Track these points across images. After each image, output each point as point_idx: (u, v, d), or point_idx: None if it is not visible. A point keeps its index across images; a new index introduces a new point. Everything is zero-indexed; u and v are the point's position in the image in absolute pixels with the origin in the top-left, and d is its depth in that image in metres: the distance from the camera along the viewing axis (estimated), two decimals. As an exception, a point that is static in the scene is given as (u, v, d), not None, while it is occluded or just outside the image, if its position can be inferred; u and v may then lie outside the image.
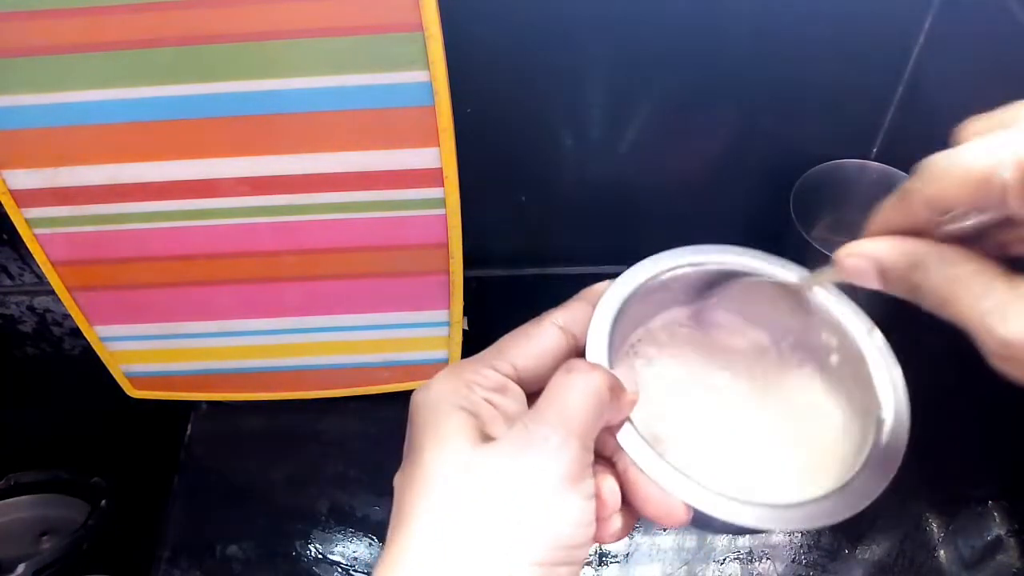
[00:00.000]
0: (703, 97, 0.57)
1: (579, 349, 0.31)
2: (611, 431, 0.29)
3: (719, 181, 0.62)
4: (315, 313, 0.58)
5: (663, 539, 0.56)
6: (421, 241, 0.53)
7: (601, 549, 0.56)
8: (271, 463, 0.61)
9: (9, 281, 0.65)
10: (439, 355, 0.61)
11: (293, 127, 0.48)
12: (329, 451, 0.61)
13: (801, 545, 0.55)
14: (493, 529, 0.25)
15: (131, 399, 0.63)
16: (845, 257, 0.27)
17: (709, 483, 0.28)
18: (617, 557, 0.55)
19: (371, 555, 0.56)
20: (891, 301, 0.28)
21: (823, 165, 0.59)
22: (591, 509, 0.27)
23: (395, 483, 0.28)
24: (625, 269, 0.34)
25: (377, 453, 0.61)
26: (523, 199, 0.63)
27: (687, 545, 0.56)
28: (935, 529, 0.56)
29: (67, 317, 0.61)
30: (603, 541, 0.29)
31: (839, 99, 0.57)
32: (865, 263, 0.27)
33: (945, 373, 0.57)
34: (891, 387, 0.31)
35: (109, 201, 0.51)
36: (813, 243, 0.55)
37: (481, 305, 0.61)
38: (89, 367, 0.61)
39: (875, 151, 0.61)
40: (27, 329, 0.70)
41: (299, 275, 0.55)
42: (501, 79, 0.54)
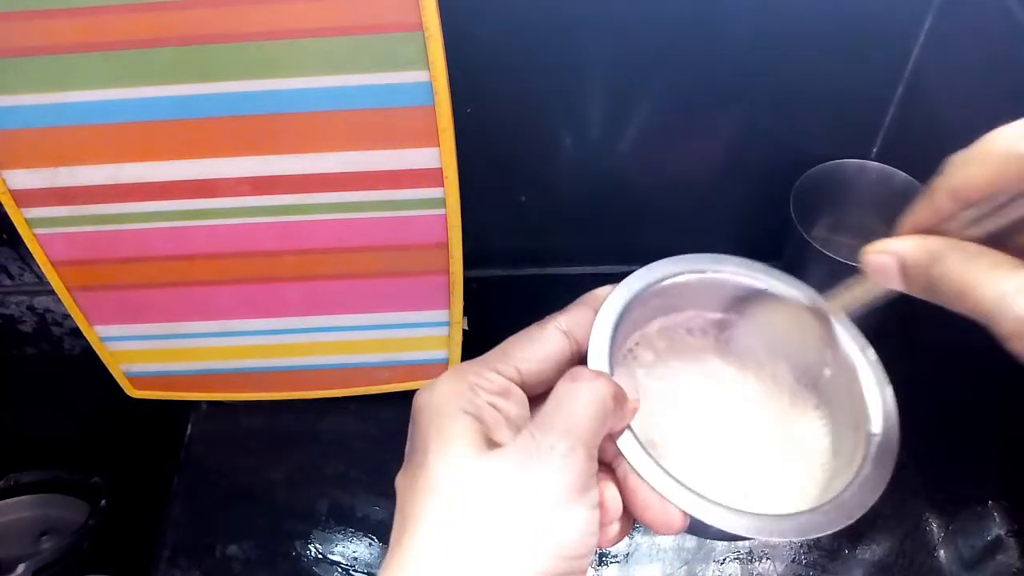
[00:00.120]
0: (703, 97, 0.57)
1: (581, 353, 0.31)
2: (611, 437, 0.29)
3: (719, 181, 0.62)
4: (315, 313, 0.58)
5: (663, 539, 0.56)
6: (421, 241, 0.53)
7: (601, 549, 0.56)
8: (271, 463, 0.61)
9: (9, 281, 0.65)
10: (439, 355, 0.61)
11: (293, 127, 0.48)
12: (329, 451, 0.61)
13: (801, 545, 0.55)
14: (499, 537, 0.26)
15: (131, 399, 0.63)
16: (869, 254, 0.28)
17: (705, 491, 0.29)
18: (617, 557, 0.55)
19: (371, 555, 0.56)
20: (890, 304, 0.28)
21: (823, 165, 0.59)
22: (596, 519, 0.27)
23: (397, 484, 0.28)
24: (625, 269, 0.34)
25: (377, 453, 0.61)
26: (523, 199, 0.63)
27: (687, 545, 0.56)
28: (935, 529, 0.56)
29: (67, 317, 0.61)
30: (601, 546, 0.29)
31: (839, 99, 0.57)
32: (888, 258, 0.27)
33: (946, 373, 0.57)
34: (881, 403, 0.32)
35: (109, 201, 0.51)
36: (813, 243, 0.55)
37: (481, 305, 0.61)
38: (89, 367, 0.61)
39: (875, 151, 0.61)
40: (27, 329, 0.70)
41: (299, 275, 0.55)
42: (501, 79, 0.54)
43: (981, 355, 0.28)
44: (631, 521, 0.30)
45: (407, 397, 0.29)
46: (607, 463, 0.30)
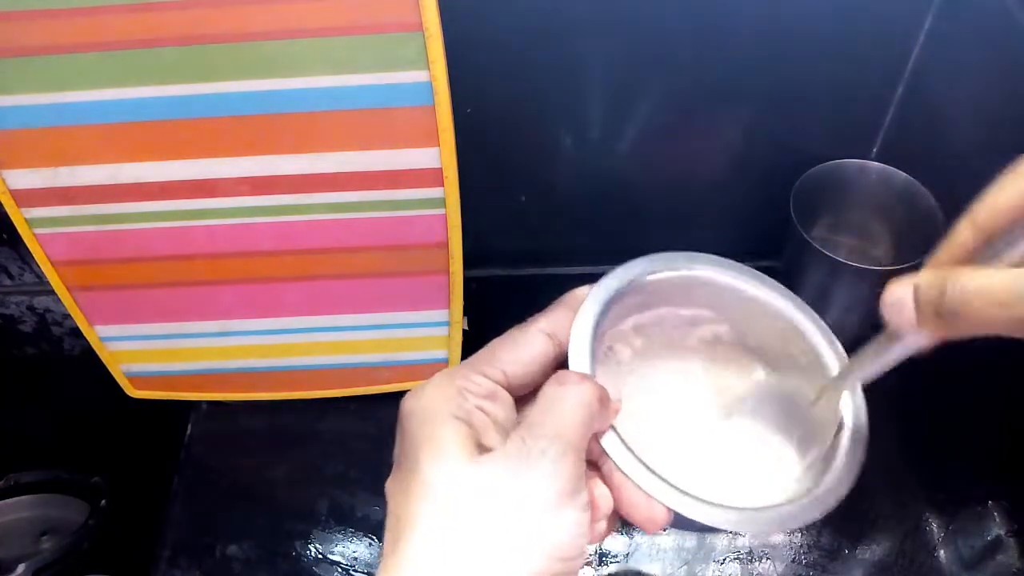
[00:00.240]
0: (703, 97, 0.57)
1: (564, 354, 0.31)
2: (595, 437, 0.30)
3: (719, 181, 0.62)
4: (315, 313, 0.58)
5: (663, 539, 0.56)
6: (421, 241, 0.53)
7: (601, 549, 0.56)
8: (271, 463, 0.61)
9: (9, 281, 0.65)
10: (439, 355, 0.61)
11: (293, 127, 0.48)
12: (329, 451, 0.61)
13: (801, 545, 0.55)
14: (493, 541, 0.26)
15: (131, 399, 0.63)
16: (885, 295, 0.28)
17: (687, 486, 0.29)
18: (617, 557, 0.55)
19: (371, 555, 0.56)
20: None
21: (823, 165, 0.59)
22: (586, 520, 0.28)
23: (388, 490, 0.29)
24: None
25: (377, 453, 0.60)
26: (523, 199, 0.63)
27: (687, 545, 0.56)
28: (935, 529, 0.56)
29: (67, 317, 0.61)
30: (589, 542, 0.30)
31: (839, 99, 0.57)
32: (902, 290, 0.27)
33: (945, 373, 0.57)
34: (850, 394, 0.33)
35: (109, 201, 0.51)
36: (813, 243, 0.55)
37: (481, 305, 0.61)
38: (89, 367, 0.61)
39: (875, 151, 0.61)
40: (27, 329, 0.70)
41: (299, 275, 0.55)
42: (501, 79, 0.54)
43: (981, 355, 0.28)
44: (617, 518, 0.30)
45: (407, 397, 0.29)
46: (592, 462, 0.30)
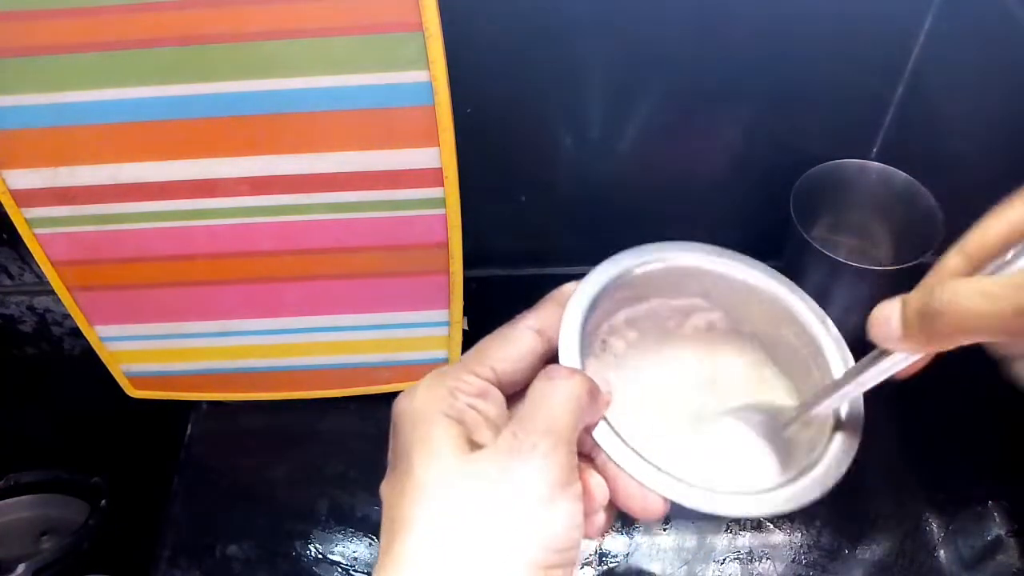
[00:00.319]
0: (703, 97, 0.56)
1: (553, 350, 0.31)
2: (587, 430, 0.30)
3: (719, 181, 0.62)
4: (315, 313, 0.58)
5: (663, 539, 0.56)
6: (421, 241, 0.53)
7: (601, 549, 0.56)
8: (271, 463, 0.61)
9: (9, 281, 0.65)
10: (439, 355, 0.61)
11: (293, 127, 0.48)
12: (329, 451, 0.61)
13: (801, 545, 0.55)
14: (488, 536, 0.26)
15: (131, 399, 0.63)
16: (872, 314, 0.28)
17: (682, 475, 0.30)
18: (617, 557, 0.55)
19: (371, 555, 0.56)
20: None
21: (823, 165, 0.59)
22: (580, 511, 0.28)
23: (382, 492, 0.29)
24: None
25: (377, 453, 0.60)
26: (523, 199, 0.63)
27: (687, 545, 0.56)
28: (935, 529, 0.56)
29: (67, 317, 0.61)
30: (588, 536, 0.30)
31: (839, 99, 0.57)
32: (890, 306, 0.28)
33: (945, 373, 0.57)
34: (842, 360, 0.33)
35: (109, 201, 0.51)
36: (813, 243, 0.55)
37: (481, 305, 0.61)
38: (89, 367, 0.61)
39: (875, 151, 0.61)
40: (27, 329, 0.70)
41: (299, 275, 0.55)
42: (501, 79, 0.54)
43: (980, 355, 0.28)
44: (614, 510, 0.31)
45: (407, 397, 0.29)
46: (586, 455, 0.30)
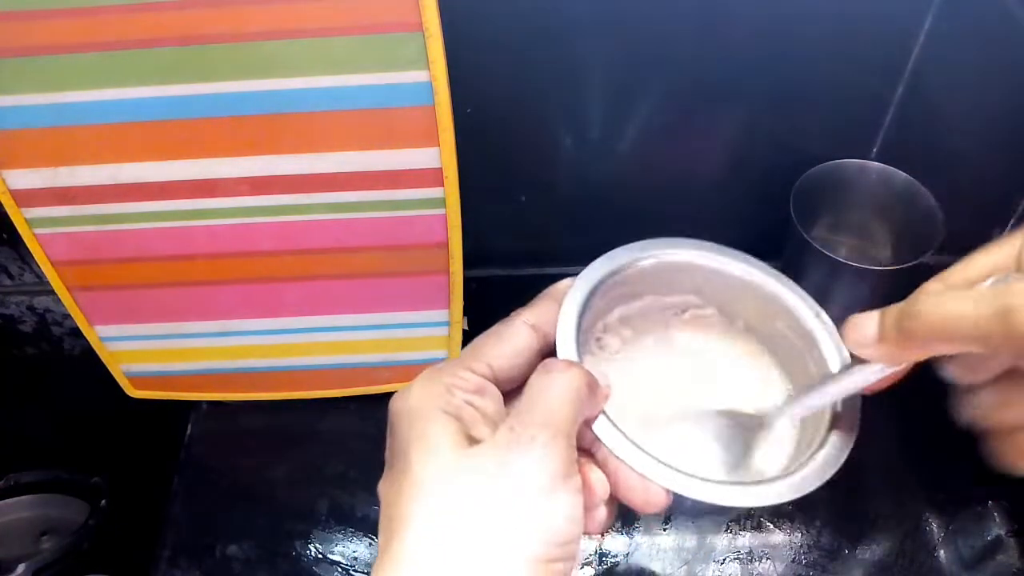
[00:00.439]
0: (703, 97, 0.57)
1: (549, 346, 0.31)
2: (587, 424, 0.30)
3: (719, 181, 0.62)
4: (315, 313, 0.58)
5: (663, 539, 0.56)
6: (421, 241, 0.53)
7: (601, 548, 0.56)
8: (271, 463, 0.61)
9: (9, 281, 0.65)
10: (439, 355, 0.61)
11: (293, 127, 0.48)
12: (329, 451, 0.61)
13: (801, 545, 0.55)
14: (488, 530, 0.26)
15: (131, 399, 0.63)
16: (848, 321, 0.29)
17: (683, 466, 0.30)
18: (617, 557, 0.55)
19: (371, 555, 0.56)
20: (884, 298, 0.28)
21: (823, 165, 0.59)
22: (580, 503, 0.28)
23: (380, 491, 0.29)
24: None
25: (377, 453, 0.60)
26: (523, 199, 0.63)
27: (687, 545, 0.56)
28: (935, 529, 0.56)
29: (67, 317, 0.61)
30: (590, 532, 0.30)
31: (839, 99, 0.57)
32: (864, 315, 0.28)
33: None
34: (840, 363, 0.33)
35: (109, 201, 0.51)
36: (813, 243, 0.55)
37: (481, 305, 0.61)
38: (89, 367, 0.61)
39: (875, 151, 0.61)
40: (27, 329, 0.70)
41: (299, 275, 0.55)
42: (501, 79, 0.54)
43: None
44: (617, 505, 0.31)
45: (407, 397, 0.29)
46: (586, 449, 0.30)
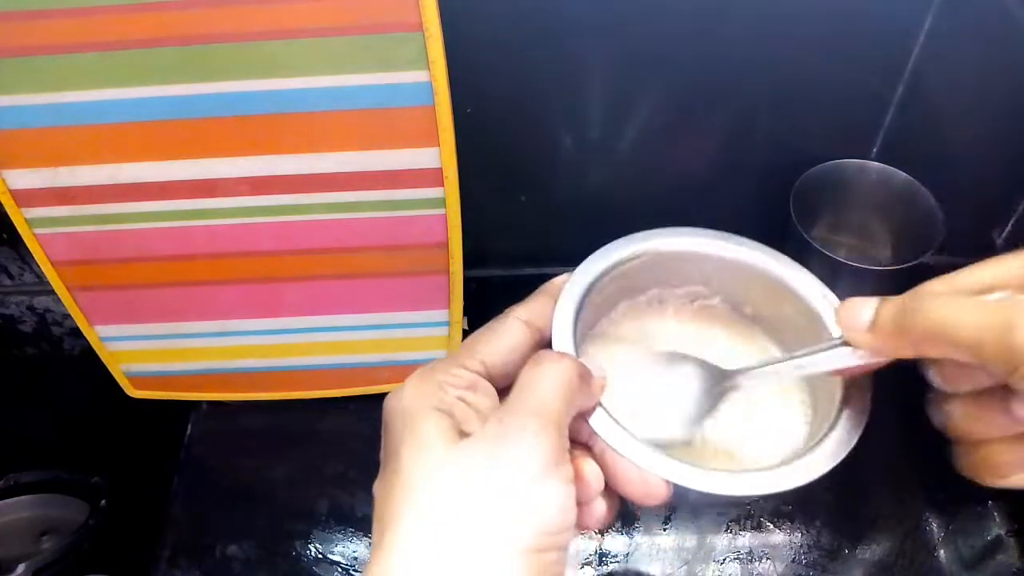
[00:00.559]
0: (703, 98, 0.57)
1: (544, 342, 0.31)
2: (583, 417, 0.30)
3: (719, 181, 0.62)
4: (315, 313, 0.58)
5: (663, 539, 0.56)
6: (421, 241, 0.53)
7: (601, 549, 0.56)
8: (271, 463, 0.61)
9: (9, 281, 0.66)
10: (439, 355, 0.61)
11: (293, 127, 0.48)
12: (329, 451, 0.62)
13: (801, 545, 0.55)
14: (479, 521, 0.26)
15: (131, 399, 0.63)
16: (844, 302, 0.29)
17: (680, 456, 0.29)
18: (617, 557, 0.56)
19: (370, 555, 0.56)
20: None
21: (823, 165, 0.59)
22: (572, 493, 0.27)
23: (375, 491, 0.28)
24: None
25: (377, 453, 0.60)
26: (523, 199, 0.63)
27: (687, 545, 0.56)
28: (935, 529, 0.56)
29: (67, 317, 0.61)
30: (589, 527, 0.30)
31: (839, 99, 0.57)
32: (860, 299, 0.28)
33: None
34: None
35: (109, 201, 0.51)
36: (813, 243, 0.55)
37: (481, 305, 0.61)
38: (89, 367, 0.61)
39: (875, 151, 0.61)
40: (27, 329, 0.70)
41: (299, 275, 0.55)
42: (501, 79, 0.54)
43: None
44: (617, 500, 0.30)
45: (407, 397, 0.29)
46: (583, 443, 0.30)
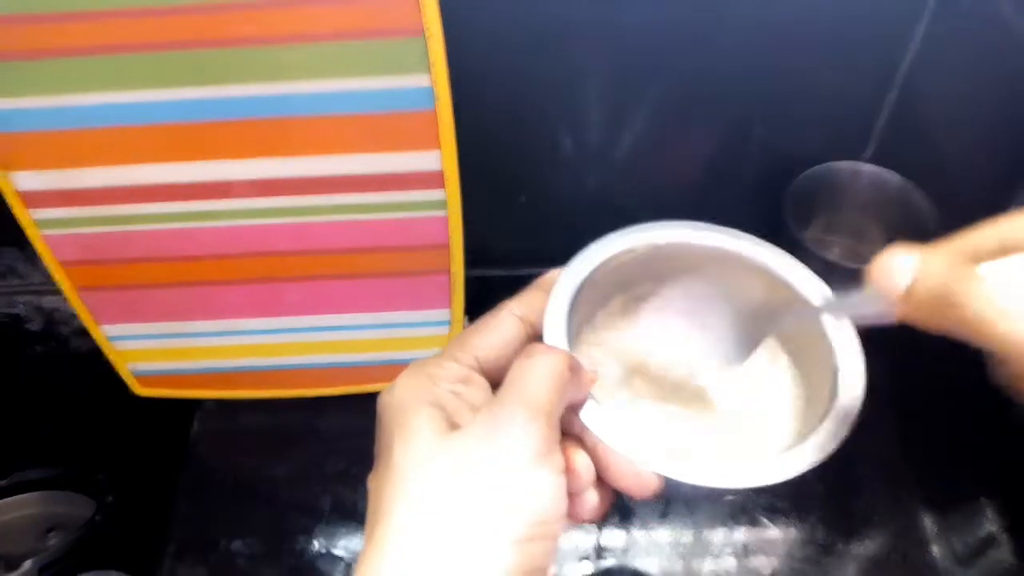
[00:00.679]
0: (699, 101, 0.57)
1: (537, 337, 0.31)
2: (574, 410, 0.30)
3: (714, 183, 0.62)
4: (319, 312, 0.58)
5: (660, 534, 0.57)
6: (423, 242, 0.54)
7: (599, 543, 0.56)
8: (275, 460, 0.62)
9: (17, 281, 0.66)
10: (440, 354, 0.61)
11: (298, 130, 0.48)
12: (332, 448, 0.62)
13: (796, 540, 0.56)
14: (469, 511, 0.26)
15: (137, 397, 0.64)
16: (884, 259, 0.27)
17: (672, 448, 0.29)
18: (615, 552, 0.56)
19: (373, 550, 0.57)
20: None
21: (817, 168, 0.59)
22: (562, 483, 0.27)
23: (369, 484, 0.29)
24: None
25: (379, 450, 0.61)
26: (523, 200, 0.63)
27: (683, 540, 0.56)
28: (928, 525, 0.56)
29: (74, 316, 0.61)
30: (582, 519, 0.30)
31: (833, 103, 0.57)
32: (901, 259, 0.26)
33: (940, 370, 0.58)
34: (847, 341, 0.32)
35: (116, 203, 0.51)
36: (807, 245, 0.55)
37: (481, 305, 0.61)
38: (96, 366, 0.61)
39: (868, 154, 0.61)
40: (35, 328, 0.70)
41: (303, 275, 0.56)
42: (502, 83, 0.54)
43: (976, 352, 0.29)
44: (610, 491, 0.30)
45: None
46: (575, 435, 0.30)
